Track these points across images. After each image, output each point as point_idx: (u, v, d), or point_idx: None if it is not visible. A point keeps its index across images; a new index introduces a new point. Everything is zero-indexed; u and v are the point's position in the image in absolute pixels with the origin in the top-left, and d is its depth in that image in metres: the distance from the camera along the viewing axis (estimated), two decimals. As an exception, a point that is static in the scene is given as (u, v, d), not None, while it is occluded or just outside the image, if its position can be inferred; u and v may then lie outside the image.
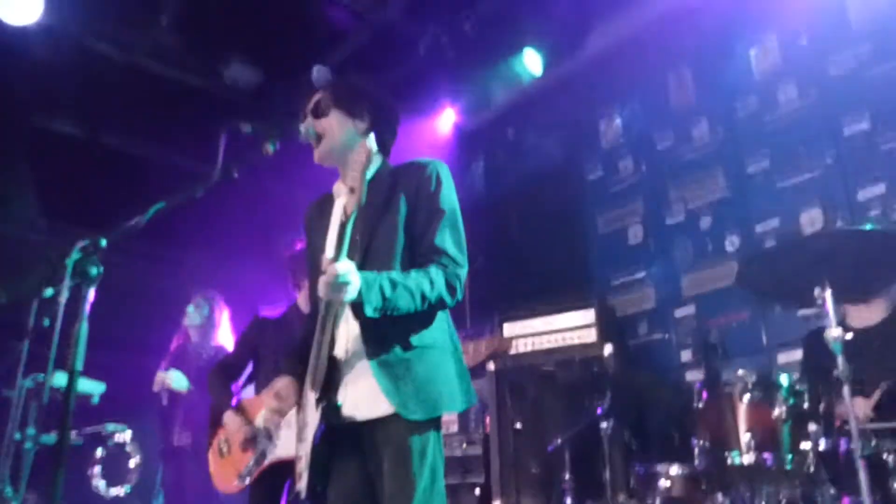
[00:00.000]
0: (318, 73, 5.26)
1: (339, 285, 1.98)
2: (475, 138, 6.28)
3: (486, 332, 5.20)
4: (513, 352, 4.73)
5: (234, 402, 3.69)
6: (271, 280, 3.91)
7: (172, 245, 4.50)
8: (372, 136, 2.27)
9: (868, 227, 3.38)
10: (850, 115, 4.31)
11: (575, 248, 5.53)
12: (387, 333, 2.15)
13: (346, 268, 1.99)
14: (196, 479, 3.91)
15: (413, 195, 2.28)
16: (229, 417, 3.58)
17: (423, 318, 2.20)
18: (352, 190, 2.07)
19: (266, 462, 3.46)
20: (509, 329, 4.83)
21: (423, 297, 2.11)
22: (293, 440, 3.36)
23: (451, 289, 2.18)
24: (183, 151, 5.87)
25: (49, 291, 2.53)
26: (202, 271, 4.60)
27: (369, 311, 2.04)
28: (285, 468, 3.35)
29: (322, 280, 2.01)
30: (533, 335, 4.75)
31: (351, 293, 2.00)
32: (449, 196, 2.31)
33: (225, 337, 4.76)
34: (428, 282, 2.13)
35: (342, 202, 2.37)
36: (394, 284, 2.07)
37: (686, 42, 5.07)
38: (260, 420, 3.48)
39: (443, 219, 2.25)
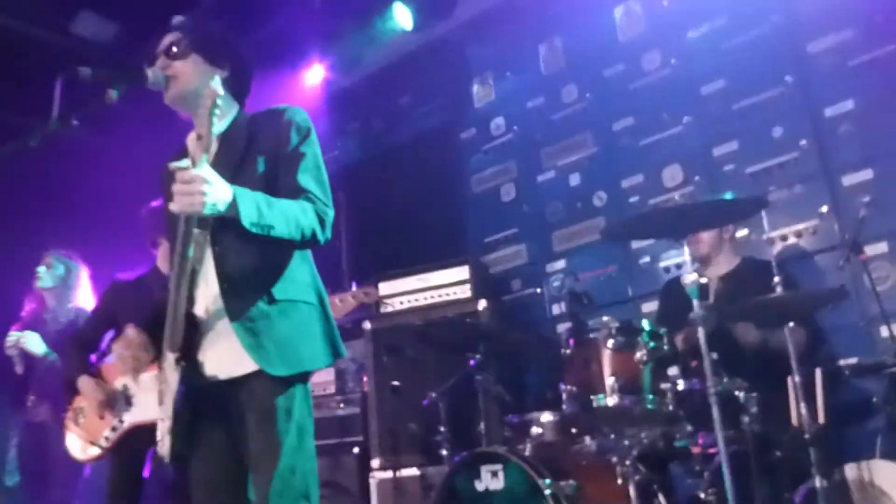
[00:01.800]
0: (176, 21, 4.97)
1: (193, 182, 1.81)
2: (349, 98, 6.14)
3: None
4: (388, 310, 4.73)
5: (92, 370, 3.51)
6: (129, 241, 3.68)
7: (15, 206, 4.14)
8: (217, 78, 2.12)
9: (727, 196, 3.61)
10: (708, 77, 4.51)
11: (450, 208, 5.54)
12: (248, 288, 2.07)
13: (208, 172, 1.85)
14: (59, 452, 3.68)
15: (272, 142, 2.19)
16: (84, 382, 3.42)
17: (284, 269, 2.13)
18: (199, 136, 1.95)
19: (125, 427, 3.33)
20: (385, 288, 4.81)
21: (297, 224, 2.01)
22: (153, 403, 3.25)
23: (321, 222, 2.10)
24: (31, 109, 5.41)
25: None
26: (52, 232, 4.24)
27: (247, 223, 1.88)
28: (146, 433, 3.23)
29: (176, 187, 1.84)
30: (408, 293, 4.75)
31: (211, 199, 1.83)
32: (309, 139, 2.22)
33: (86, 298, 4.39)
34: (300, 209, 2.04)
35: (192, 149, 2.25)
36: (269, 202, 1.96)
37: (555, 8, 5.13)
38: (118, 382, 3.35)
39: (303, 160, 2.17)
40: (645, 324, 3.06)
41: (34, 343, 4.07)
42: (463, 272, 4.68)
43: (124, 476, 3.32)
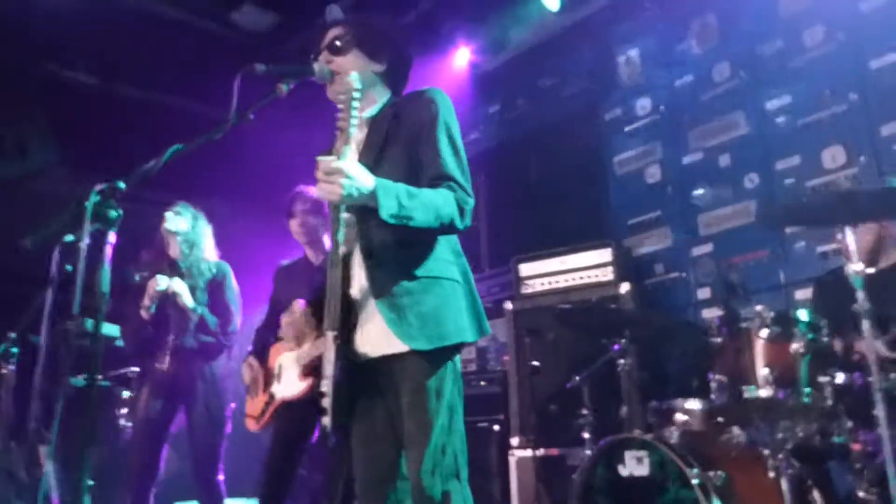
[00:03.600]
0: (332, 12, 5.18)
1: (334, 171, 1.93)
2: (492, 80, 6.19)
3: (504, 274, 5.24)
4: (529, 291, 4.77)
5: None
6: (286, 228, 3.88)
7: (187, 192, 4.42)
8: (355, 74, 2.21)
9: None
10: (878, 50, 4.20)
11: (592, 189, 5.49)
12: (393, 267, 2.15)
13: (350, 165, 1.95)
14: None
15: (415, 125, 2.25)
16: (250, 362, 3.68)
17: (429, 249, 2.19)
18: (341, 130, 2.05)
19: (275, 402, 3.56)
20: (525, 270, 4.85)
21: (438, 214, 2.08)
22: (294, 381, 3.48)
23: (461, 210, 2.15)
24: (197, 97, 5.85)
25: (69, 237, 2.56)
26: (215, 217, 4.45)
27: (385, 216, 1.98)
28: (293, 408, 3.46)
29: (318, 174, 1.96)
30: (549, 275, 4.76)
31: (348, 190, 1.94)
32: (450, 122, 2.27)
33: (212, 254, 4.31)
34: (441, 199, 2.10)
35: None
36: (410, 194, 2.04)
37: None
38: (287, 359, 3.59)
39: (446, 146, 2.22)
40: (802, 314, 2.93)
41: (185, 294, 4.00)
42: (605, 255, 4.64)
43: (279, 448, 3.52)
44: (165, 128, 5.35)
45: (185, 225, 4.17)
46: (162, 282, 3.93)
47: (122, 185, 2.01)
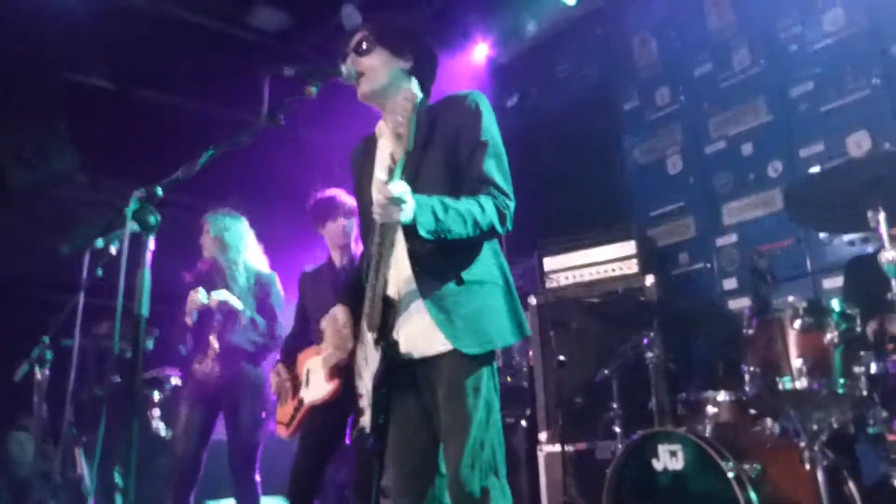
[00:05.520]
0: (348, 13, 5.20)
1: (394, 201, 1.95)
2: (509, 71, 6.18)
3: (524, 266, 5.23)
4: (553, 285, 4.76)
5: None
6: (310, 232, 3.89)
7: (213, 195, 4.43)
8: (414, 79, 2.24)
9: None
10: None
11: (613, 180, 5.47)
12: (438, 270, 2.18)
13: (401, 187, 1.97)
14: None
15: (454, 130, 2.27)
16: (279, 368, 3.71)
17: (472, 252, 2.22)
18: (398, 136, 2.06)
19: (304, 407, 3.58)
20: (549, 263, 4.85)
21: (475, 223, 2.11)
22: (321, 384, 3.50)
23: (501, 216, 2.19)
24: (215, 99, 5.87)
25: (100, 242, 2.58)
26: (252, 216, 4.44)
27: (423, 232, 2.02)
28: (324, 409, 3.48)
29: (376, 201, 1.99)
30: (573, 268, 4.75)
31: (406, 213, 1.97)
32: (490, 126, 2.29)
33: (256, 257, 4.33)
34: (479, 207, 2.13)
35: (387, 144, 2.37)
36: (446, 207, 2.06)
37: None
38: (314, 363, 3.61)
39: (487, 149, 2.24)
40: (835, 304, 2.91)
41: (231, 299, 4.02)
42: (629, 247, 4.62)
43: (307, 450, 3.55)
44: (184, 131, 5.42)
45: (223, 231, 4.20)
46: (203, 295, 3.97)
47: (159, 190, 2.02)
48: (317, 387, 3.55)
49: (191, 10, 5.59)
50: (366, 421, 2.21)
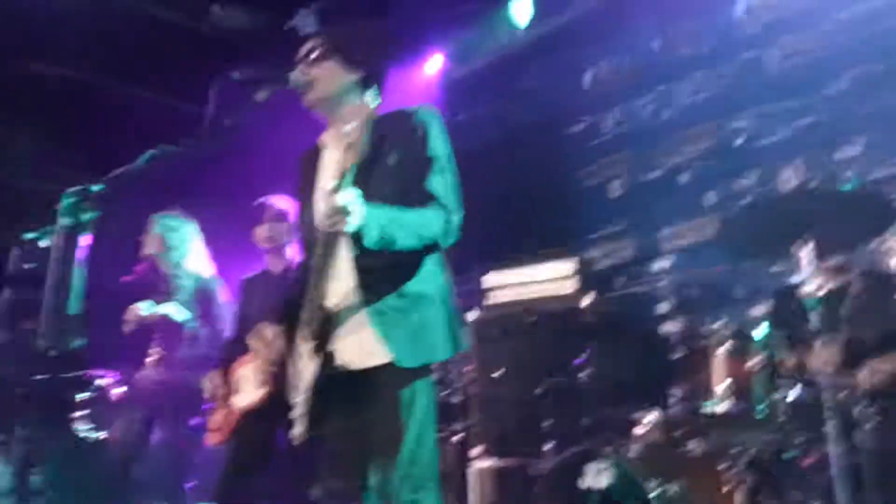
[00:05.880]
0: (304, 17, 5.19)
1: (341, 211, 1.95)
2: (462, 87, 6.24)
3: (466, 282, 5.27)
4: (493, 302, 4.81)
5: None
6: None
7: (162, 193, 4.35)
8: (366, 90, 2.27)
9: (847, 187, 3.47)
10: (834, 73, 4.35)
11: (556, 201, 5.56)
12: (380, 282, 2.19)
13: (349, 196, 1.98)
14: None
15: (403, 144, 2.28)
16: (213, 376, 3.67)
17: (415, 265, 2.24)
18: (348, 146, 2.07)
19: (234, 415, 3.55)
20: (490, 279, 4.89)
21: (420, 235, 2.14)
22: (251, 390, 3.48)
23: (446, 229, 2.22)
24: (175, 93, 5.78)
25: (30, 235, 2.52)
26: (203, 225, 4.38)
27: (369, 242, 2.03)
28: (254, 417, 3.45)
29: (323, 210, 2.00)
30: (513, 286, 4.81)
31: (353, 222, 1.97)
32: (439, 142, 2.32)
33: (200, 261, 4.25)
34: (425, 219, 2.16)
35: (332, 155, 2.37)
36: (392, 217, 2.08)
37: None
38: (247, 371, 3.58)
39: (433, 165, 2.27)
40: (759, 331, 3.03)
41: (173, 311, 3.97)
42: (568, 266, 4.69)
43: (235, 461, 3.48)
44: (144, 124, 5.32)
45: (168, 233, 4.13)
46: (145, 307, 3.91)
47: (95, 188, 2.00)
48: (247, 394, 3.52)
49: (156, 4, 5.51)
50: (298, 431, 2.20)
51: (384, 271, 2.17)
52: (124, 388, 4.33)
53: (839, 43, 4.36)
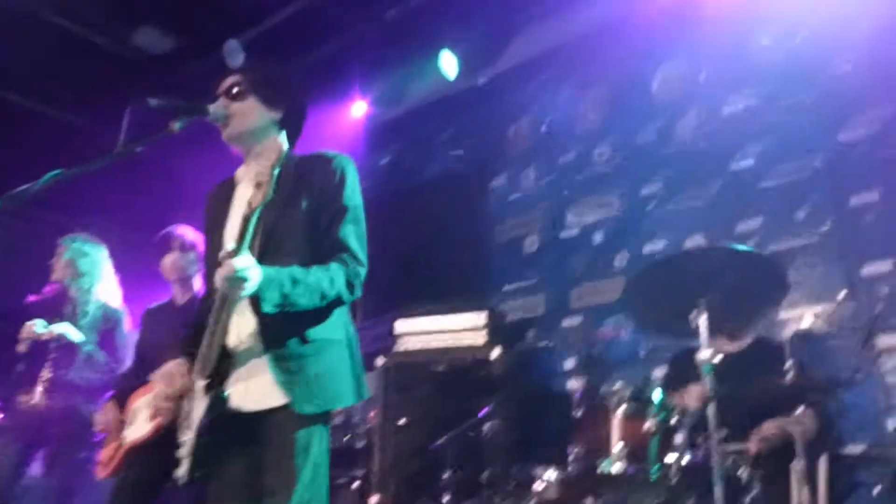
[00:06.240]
0: (231, 48, 5.16)
1: (237, 280, 1.98)
2: (386, 132, 6.29)
3: (377, 327, 5.24)
4: (401, 349, 4.78)
5: None
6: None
7: (66, 212, 4.21)
8: (282, 130, 2.28)
9: (747, 248, 3.63)
10: (739, 151, 4.59)
11: (471, 253, 5.64)
12: (283, 328, 2.16)
13: (246, 263, 1.98)
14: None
15: (317, 190, 2.29)
16: (107, 407, 3.55)
17: (319, 313, 2.22)
18: (258, 185, 2.05)
19: (124, 448, 3.43)
20: (401, 326, 4.88)
21: (323, 295, 2.14)
22: (142, 424, 3.38)
23: (350, 286, 2.22)
24: (89, 114, 5.63)
25: None
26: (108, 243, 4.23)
27: (267, 308, 2.04)
28: (144, 451, 3.33)
29: (219, 273, 2.00)
30: (423, 333, 4.80)
31: (248, 289, 2.00)
32: (353, 193, 2.33)
33: (109, 289, 4.16)
34: (328, 279, 2.15)
35: (246, 191, 2.34)
36: (294, 282, 2.08)
37: (601, 63, 5.26)
38: (141, 403, 3.45)
39: (346, 215, 2.28)
40: (656, 394, 3.11)
41: (71, 331, 3.85)
42: (480, 318, 4.72)
43: (121, 495, 3.34)
44: (53, 141, 5.15)
45: (79, 258, 4.03)
46: (40, 325, 3.78)
47: (-8, 204, 1.92)
48: (138, 427, 3.40)
49: (71, 19, 5.36)
50: (182, 472, 2.12)
51: (287, 318, 2.14)
52: (4, 412, 4.09)
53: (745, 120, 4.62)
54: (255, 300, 2.09)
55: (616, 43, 5.07)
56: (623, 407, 3.05)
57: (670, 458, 2.96)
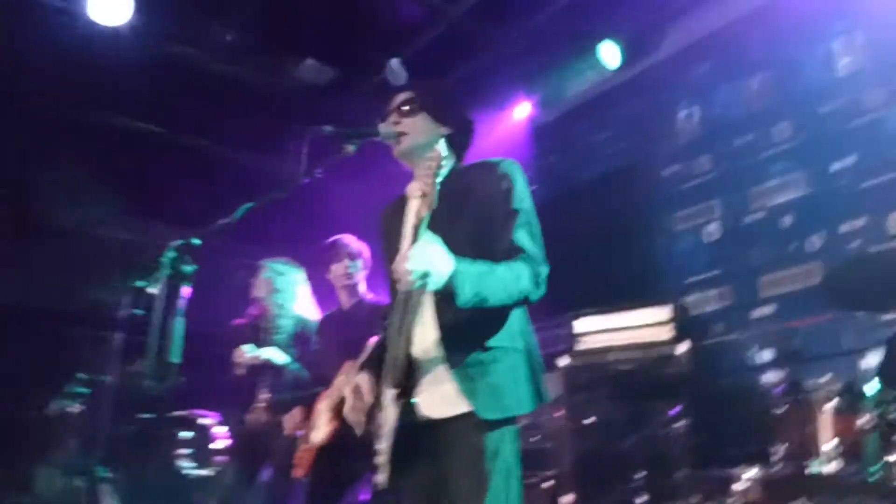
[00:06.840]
0: (393, 68, 5.33)
1: (409, 270, 1.96)
2: (551, 132, 6.25)
3: (555, 328, 5.20)
4: (583, 348, 4.72)
5: None
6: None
7: (254, 243, 4.54)
8: (443, 140, 2.30)
9: None
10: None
11: (649, 245, 5.46)
12: (464, 337, 2.18)
13: (422, 254, 1.98)
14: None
15: (486, 197, 2.29)
16: (295, 412, 3.78)
17: (499, 320, 2.22)
18: (424, 195, 2.09)
19: (310, 449, 3.63)
20: (580, 325, 4.81)
21: (510, 294, 2.13)
22: (322, 426, 3.54)
23: (535, 283, 2.19)
24: (259, 150, 6.04)
25: (140, 283, 2.66)
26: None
27: (460, 302, 2.02)
28: (329, 453, 3.49)
29: (396, 265, 2.00)
30: (605, 332, 4.71)
31: (423, 282, 1.98)
32: (523, 195, 2.31)
33: (305, 305, 4.33)
34: (515, 276, 2.15)
35: (416, 204, 2.40)
36: (486, 276, 2.08)
37: (767, 42, 4.93)
38: (322, 406, 3.66)
39: (518, 218, 2.26)
40: (870, 387, 2.84)
41: (276, 355, 4.05)
42: (663, 312, 4.56)
43: (311, 496, 3.58)
44: (227, 179, 5.57)
45: (276, 277, 4.24)
46: (248, 351, 4.00)
47: (197, 241, 2.10)
48: (320, 428, 3.60)
49: (237, 64, 5.78)
50: (382, 479, 2.20)
51: (467, 326, 2.16)
52: (226, 429, 4.44)
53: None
54: (441, 311, 2.11)
55: (781, 21, 4.76)
56: (832, 402, 2.81)
57: (892, 457, 2.69)
